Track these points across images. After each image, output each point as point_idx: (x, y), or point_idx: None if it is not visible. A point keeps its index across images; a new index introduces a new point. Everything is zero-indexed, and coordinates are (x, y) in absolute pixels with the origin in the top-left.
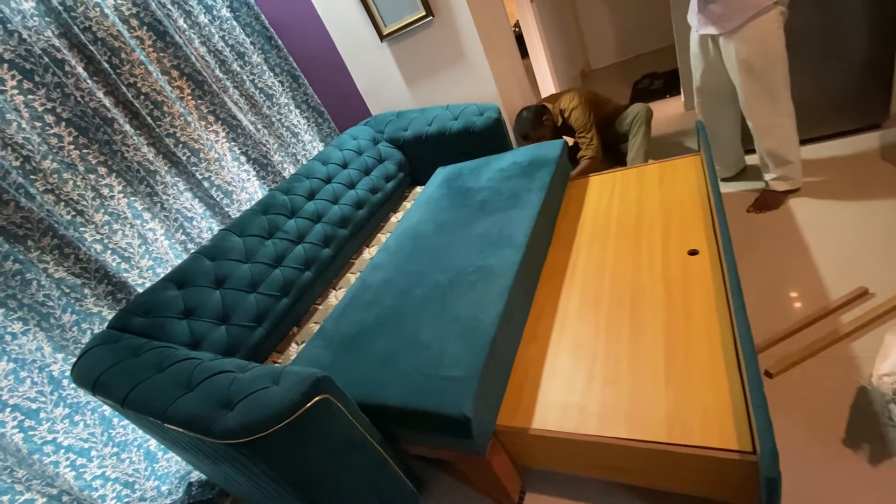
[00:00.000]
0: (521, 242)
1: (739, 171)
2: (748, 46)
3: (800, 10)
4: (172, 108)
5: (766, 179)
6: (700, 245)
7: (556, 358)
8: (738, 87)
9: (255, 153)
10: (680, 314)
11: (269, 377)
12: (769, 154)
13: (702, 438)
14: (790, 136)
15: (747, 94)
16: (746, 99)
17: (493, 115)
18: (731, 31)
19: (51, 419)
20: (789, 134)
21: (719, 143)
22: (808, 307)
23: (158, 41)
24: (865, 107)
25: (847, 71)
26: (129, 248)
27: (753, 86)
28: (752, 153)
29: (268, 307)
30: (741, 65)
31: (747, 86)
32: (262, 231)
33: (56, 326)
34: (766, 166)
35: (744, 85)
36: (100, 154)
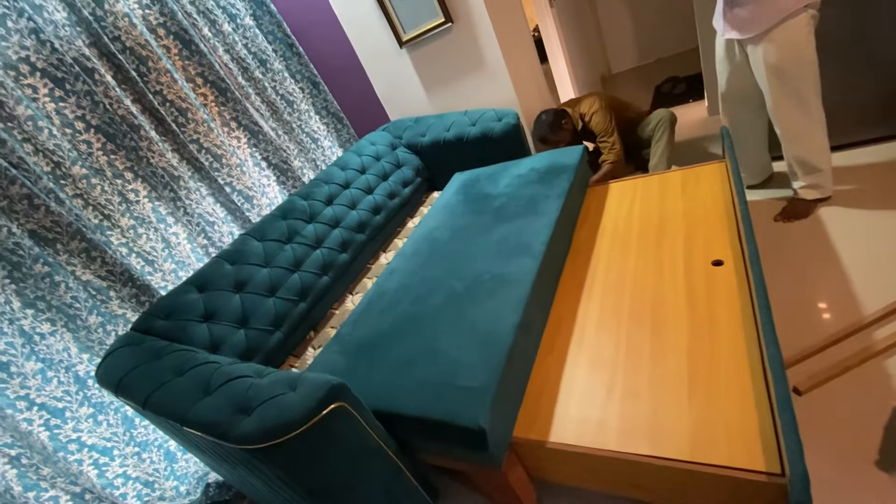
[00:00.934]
0: (538, 251)
1: (766, 179)
2: (777, 51)
3: (830, 14)
4: (196, 114)
5: (795, 187)
6: (725, 255)
7: (574, 370)
8: (766, 92)
9: (275, 159)
10: (704, 327)
11: (286, 383)
12: (798, 161)
13: (727, 458)
14: (820, 142)
15: (776, 100)
16: (775, 105)
17: (511, 120)
18: (759, 35)
19: (76, 418)
20: (819, 140)
21: (745, 150)
22: (839, 322)
23: (184, 49)
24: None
25: (879, 76)
26: (153, 251)
27: (782, 91)
28: (780, 160)
29: (286, 311)
30: (769, 70)
31: (776, 91)
32: (281, 236)
33: (82, 328)
34: (795, 174)
35: (772, 90)
36: (126, 160)
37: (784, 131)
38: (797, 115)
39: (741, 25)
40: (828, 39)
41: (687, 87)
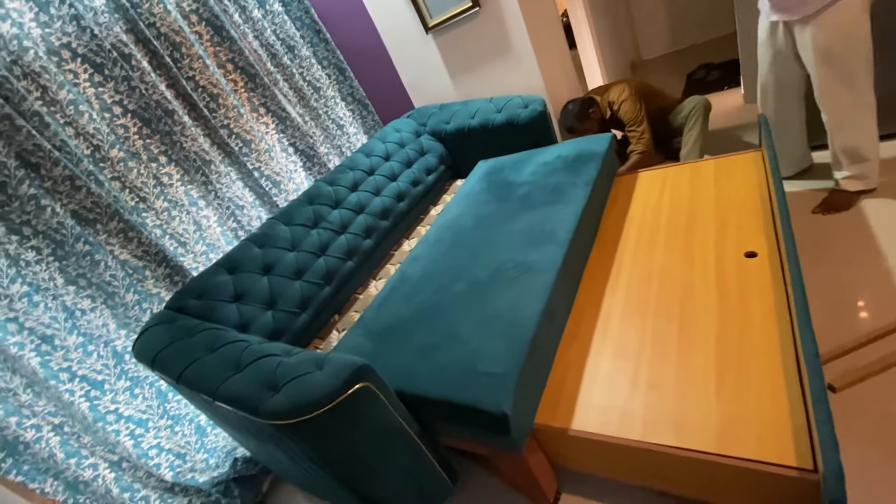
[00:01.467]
0: (564, 239)
1: (803, 170)
2: (827, 33)
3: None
4: (227, 100)
5: (837, 178)
6: (759, 247)
7: (597, 360)
8: (814, 76)
9: (302, 144)
10: (735, 320)
11: (313, 362)
12: (844, 150)
13: (757, 452)
14: (869, 130)
15: (824, 85)
16: (822, 89)
17: (538, 107)
18: (809, 16)
19: (114, 390)
20: (868, 129)
21: (783, 139)
22: (879, 319)
23: (216, 36)
24: None
25: None
26: (186, 233)
27: (831, 75)
28: (819, 150)
29: (312, 294)
30: (818, 53)
31: (824, 75)
32: (307, 221)
33: (120, 305)
34: (839, 163)
35: (820, 75)
36: (161, 144)
37: (831, 117)
38: (846, 101)
39: (789, 7)
40: (877, 24)
41: (721, 74)
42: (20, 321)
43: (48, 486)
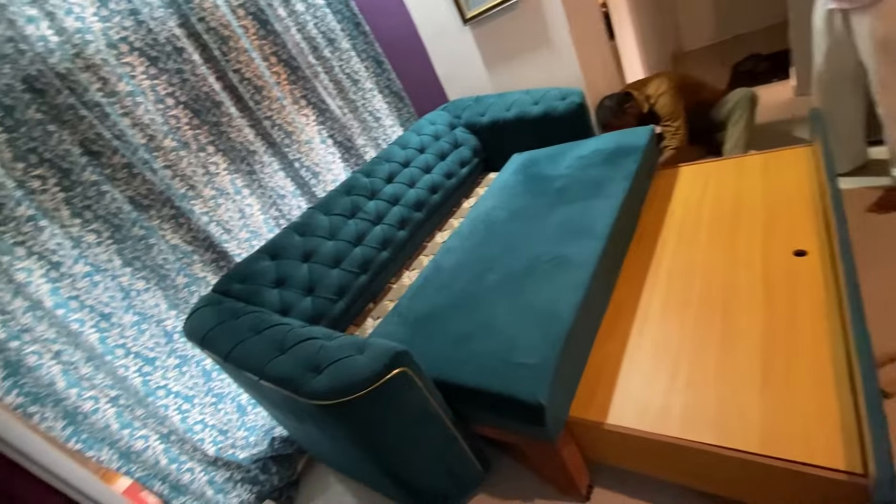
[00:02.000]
0: (602, 233)
1: (859, 167)
2: (887, 22)
3: None
4: (271, 92)
5: (895, 175)
6: (809, 246)
7: (634, 356)
8: (871, 68)
9: (340, 136)
10: (782, 319)
11: (354, 347)
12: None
13: (803, 454)
14: None
15: (882, 77)
16: (881, 82)
17: (576, 99)
18: (868, 4)
19: (164, 367)
20: None
21: (839, 134)
22: None
23: (261, 29)
24: None
25: None
26: (231, 220)
27: (890, 68)
28: (876, 145)
29: (348, 282)
30: (878, 43)
31: (883, 67)
32: (345, 211)
33: (171, 287)
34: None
35: (879, 66)
36: (209, 134)
37: (888, 111)
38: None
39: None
40: None
41: (770, 65)
42: (81, 299)
43: (104, 455)
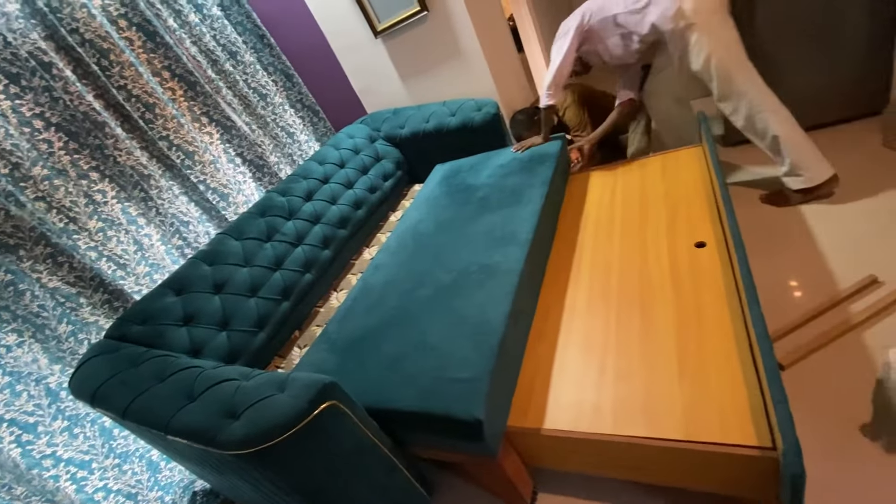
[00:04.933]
0: (525, 239)
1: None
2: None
3: (800, 1)
4: (165, 109)
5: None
6: (707, 237)
7: (565, 355)
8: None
9: (250, 154)
10: (691, 307)
11: (275, 384)
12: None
13: (720, 435)
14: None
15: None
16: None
17: (491, 110)
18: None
19: (49, 432)
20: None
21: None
22: (816, 297)
23: (148, 42)
24: (866, 93)
25: (847, 58)
26: (125, 254)
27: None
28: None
29: (269, 311)
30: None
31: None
32: (260, 234)
33: (52, 338)
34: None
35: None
36: (91, 159)
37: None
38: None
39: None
40: (799, 24)
41: None
42: None
43: None
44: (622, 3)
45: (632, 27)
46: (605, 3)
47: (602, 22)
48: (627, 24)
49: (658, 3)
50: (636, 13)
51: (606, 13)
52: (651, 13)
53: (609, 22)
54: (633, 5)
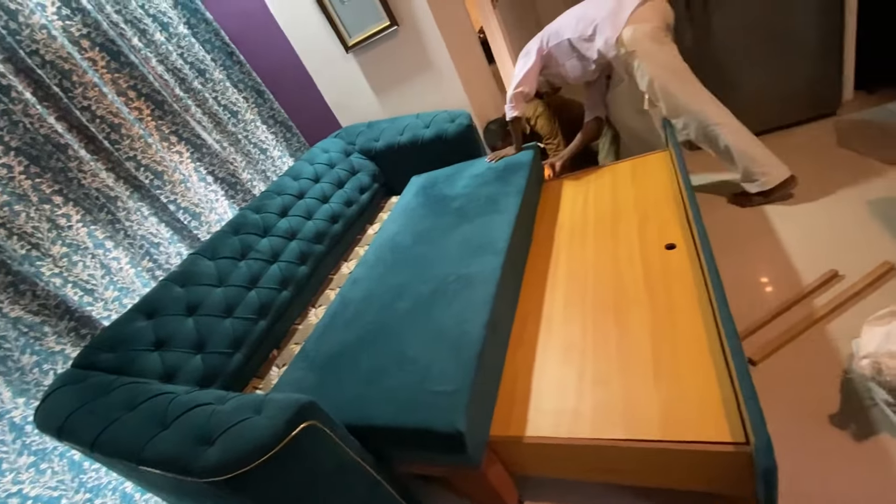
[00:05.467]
0: (501, 248)
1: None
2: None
3: (753, 5)
4: (131, 130)
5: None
6: (677, 239)
7: (545, 362)
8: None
9: (222, 172)
10: (663, 309)
11: (251, 407)
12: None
13: (696, 433)
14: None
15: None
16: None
17: (464, 121)
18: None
19: (15, 469)
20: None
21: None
22: (783, 293)
23: (112, 62)
24: (819, 96)
25: (800, 62)
26: (92, 279)
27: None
28: None
29: (245, 331)
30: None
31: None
32: (234, 252)
33: (14, 370)
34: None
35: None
36: (54, 182)
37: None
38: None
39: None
40: (752, 31)
41: None
42: None
43: None
44: (573, 29)
45: (584, 52)
46: (559, 28)
47: (558, 46)
48: (580, 49)
49: (602, 31)
50: (586, 40)
51: (561, 37)
52: (598, 41)
53: (565, 46)
54: (582, 32)
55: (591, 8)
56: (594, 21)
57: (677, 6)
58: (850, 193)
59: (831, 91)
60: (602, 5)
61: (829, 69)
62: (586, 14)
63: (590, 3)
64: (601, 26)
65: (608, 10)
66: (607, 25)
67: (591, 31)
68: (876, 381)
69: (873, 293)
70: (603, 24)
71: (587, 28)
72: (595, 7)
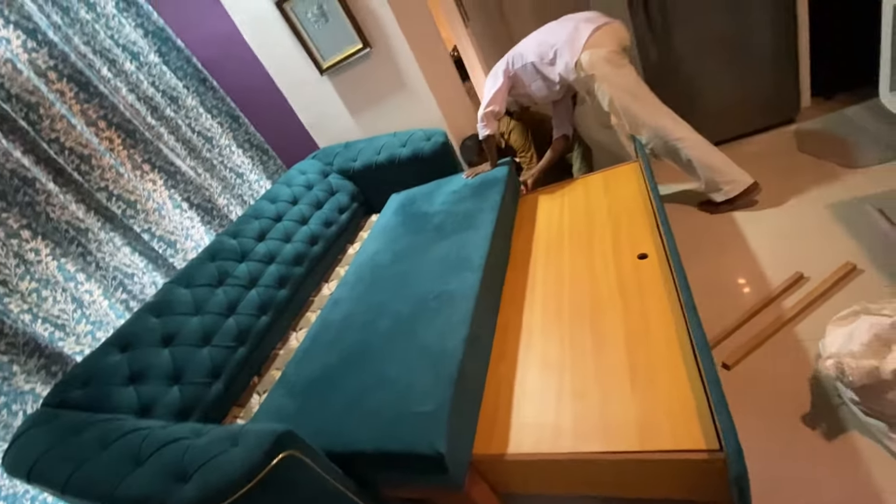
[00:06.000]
0: (479, 264)
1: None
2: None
3: (711, 20)
4: (101, 160)
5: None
6: (648, 248)
7: (525, 376)
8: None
9: (197, 198)
10: (638, 318)
11: (227, 439)
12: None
13: (672, 442)
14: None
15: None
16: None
17: (440, 139)
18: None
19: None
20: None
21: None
22: (753, 297)
23: (81, 92)
24: (778, 104)
25: (758, 73)
26: (63, 314)
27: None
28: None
29: (223, 359)
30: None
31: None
32: (211, 280)
33: None
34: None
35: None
36: (21, 217)
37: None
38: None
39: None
40: (712, 43)
41: None
42: None
43: None
44: (535, 53)
45: (547, 74)
46: (523, 51)
47: (523, 69)
48: (543, 72)
49: (562, 55)
50: (548, 64)
51: (525, 60)
52: (559, 65)
53: (529, 68)
54: (543, 56)
55: (550, 33)
56: (554, 46)
57: (639, 23)
58: (811, 197)
59: (789, 99)
60: (560, 30)
61: (786, 78)
62: (546, 39)
63: (549, 28)
64: (560, 51)
65: (566, 35)
66: (566, 50)
67: (552, 55)
68: (841, 381)
69: (838, 293)
70: (562, 48)
71: (548, 52)
72: (554, 32)
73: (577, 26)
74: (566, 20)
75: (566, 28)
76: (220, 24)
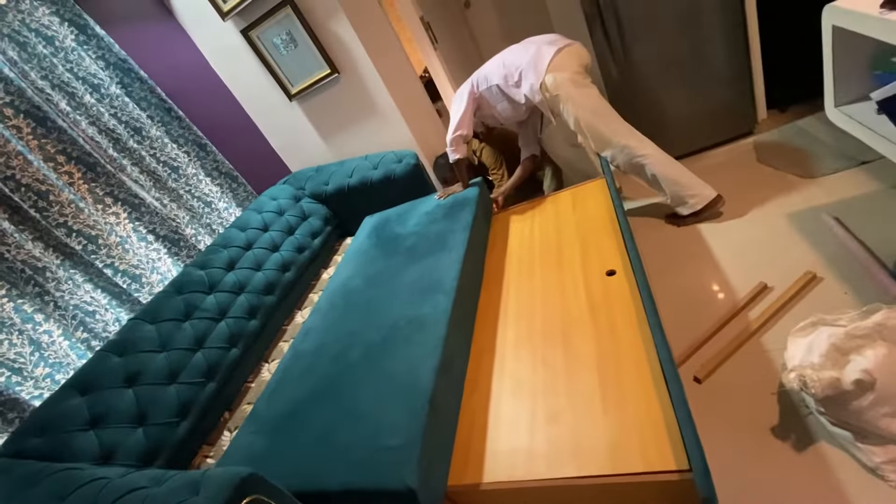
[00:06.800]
0: (451, 286)
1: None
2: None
3: (666, 39)
4: (60, 195)
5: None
6: (616, 264)
7: (499, 402)
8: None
9: (163, 230)
10: (608, 337)
11: (188, 487)
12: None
13: (643, 463)
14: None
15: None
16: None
17: (411, 160)
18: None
19: None
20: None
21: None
22: (721, 308)
23: (39, 127)
24: (735, 117)
25: (714, 88)
26: (20, 357)
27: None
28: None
29: (191, 396)
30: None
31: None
32: (177, 314)
33: None
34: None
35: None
36: None
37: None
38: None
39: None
40: (668, 61)
41: None
42: None
43: None
44: (499, 76)
45: (512, 96)
46: (488, 73)
47: (488, 90)
48: (509, 94)
49: (527, 77)
50: (513, 86)
51: (490, 83)
52: (524, 86)
53: (494, 90)
54: (508, 78)
55: (513, 55)
56: (519, 68)
57: (599, 42)
58: (771, 208)
59: (746, 112)
60: (523, 53)
61: (743, 92)
62: (510, 61)
63: (512, 51)
64: (525, 73)
65: (530, 57)
66: (531, 72)
67: (517, 77)
68: (805, 393)
69: (800, 302)
70: (527, 70)
71: (513, 74)
72: (517, 54)
73: (539, 49)
74: (528, 43)
75: (529, 51)
76: (186, 54)
